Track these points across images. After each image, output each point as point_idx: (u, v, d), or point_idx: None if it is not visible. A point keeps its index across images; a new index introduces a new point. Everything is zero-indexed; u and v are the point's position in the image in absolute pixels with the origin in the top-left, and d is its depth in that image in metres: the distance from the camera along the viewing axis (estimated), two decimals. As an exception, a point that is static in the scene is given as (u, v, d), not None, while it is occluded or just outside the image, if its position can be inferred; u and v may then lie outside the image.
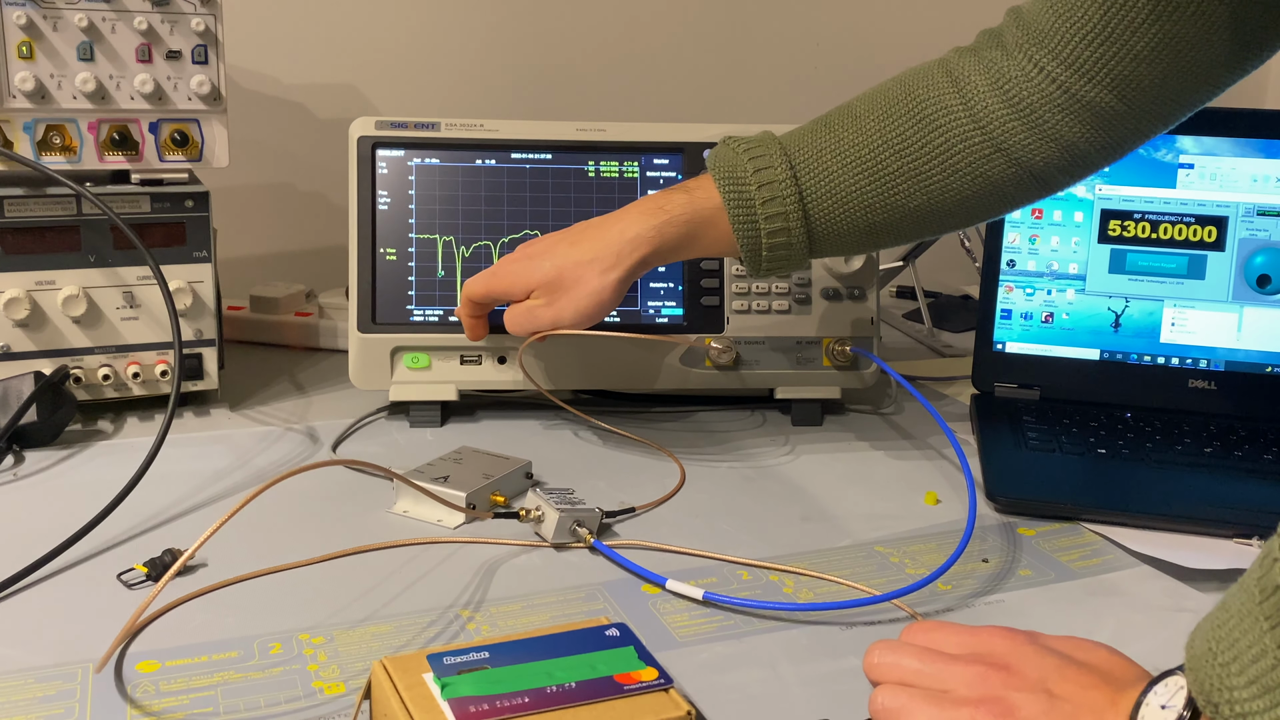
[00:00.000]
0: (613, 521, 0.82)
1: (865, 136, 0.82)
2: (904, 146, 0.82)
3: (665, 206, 0.85)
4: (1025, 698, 0.53)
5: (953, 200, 0.83)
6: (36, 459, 0.90)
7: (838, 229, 0.84)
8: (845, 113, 0.85)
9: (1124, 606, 0.73)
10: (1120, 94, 0.77)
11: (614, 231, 0.85)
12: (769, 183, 0.82)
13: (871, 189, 0.82)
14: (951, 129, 0.81)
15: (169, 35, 0.95)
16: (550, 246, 0.87)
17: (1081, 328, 1.06)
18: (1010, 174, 0.81)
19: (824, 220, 0.83)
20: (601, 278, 0.84)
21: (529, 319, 0.87)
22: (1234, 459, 0.93)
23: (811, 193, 0.83)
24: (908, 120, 0.82)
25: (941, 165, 0.81)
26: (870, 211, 0.83)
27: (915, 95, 0.82)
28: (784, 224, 0.83)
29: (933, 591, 0.73)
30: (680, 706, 0.55)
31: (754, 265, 0.85)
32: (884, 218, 0.83)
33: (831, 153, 0.83)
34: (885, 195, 0.82)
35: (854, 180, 0.82)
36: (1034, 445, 0.95)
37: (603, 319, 0.88)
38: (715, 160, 0.85)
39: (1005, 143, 0.80)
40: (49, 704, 0.59)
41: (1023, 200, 0.84)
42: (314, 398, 1.06)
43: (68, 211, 0.94)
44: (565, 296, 0.85)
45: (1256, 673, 0.46)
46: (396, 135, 1.00)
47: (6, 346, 0.94)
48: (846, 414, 1.07)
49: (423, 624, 0.68)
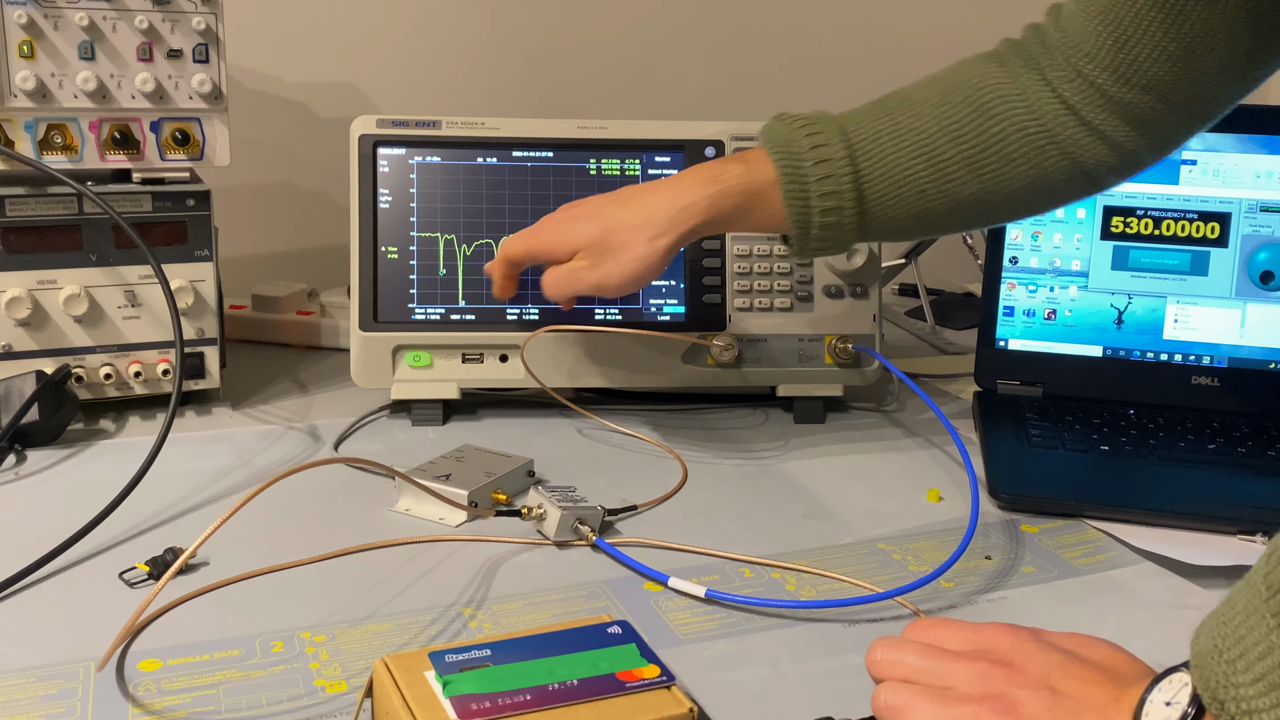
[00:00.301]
0: (615, 519, 0.82)
1: (923, 122, 0.82)
2: (962, 134, 0.81)
3: (721, 176, 0.83)
4: (1028, 694, 0.53)
5: (1005, 191, 0.82)
6: (38, 458, 0.90)
7: (890, 213, 0.83)
8: (902, 98, 0.84)
9: (1127, 603, 0.73)
10: (1158, 94, 0.77)
11: (666, 197, 0.83)
12: (825, 160, 0.81)
13: (927, 175, 0.81)
14: (1009, 119, 0.80)
15: (170, 34, 0.95)
16: (597, 208, 0.86)
17: (1084, 324, 1.06)
18: (1062, 168, 0.81)
19: (878, 203, 0.82)
20: (650, 244, 0.82)
21: (571, 281, 0.85)
22: (1237, 455, 0.93)
23: (868, 175, 0.81)
24: (965, 108, 0.81)
25: (998, 154, 0.81)
26: (924, 198, 0.82)
27: (972, 84, 0.82)
28: (837, 203, 0.81)
29: (935, 589, 0.73)
30: (682, 704, 0.55)
31: (801, 244, 0.83)
32: (936, 205, 0.82)
33: (889, 135, 0.82)
34: (940, 182, 0.82)
35: (910, 165, 0.81)
36: (1037, 442, 0.95)
37: (646, 286, 0.86)
38: (770, 135, 0.83)
39: (1059, 135, 0.80)
40: (50, 703, 0.59)
41: (1071, 197, 0.84)
42: (316, 396, 1.06)
43: (69, 211, 0.94)
44: (611, 260, 0.83)
45: (1262, 670, 0.46)
46: (398, 134, 1.00)
47: (8, 346, 0.94)
48: (849, 411, 1.06)
49: (425, 622, 0.68)
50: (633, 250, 0.83)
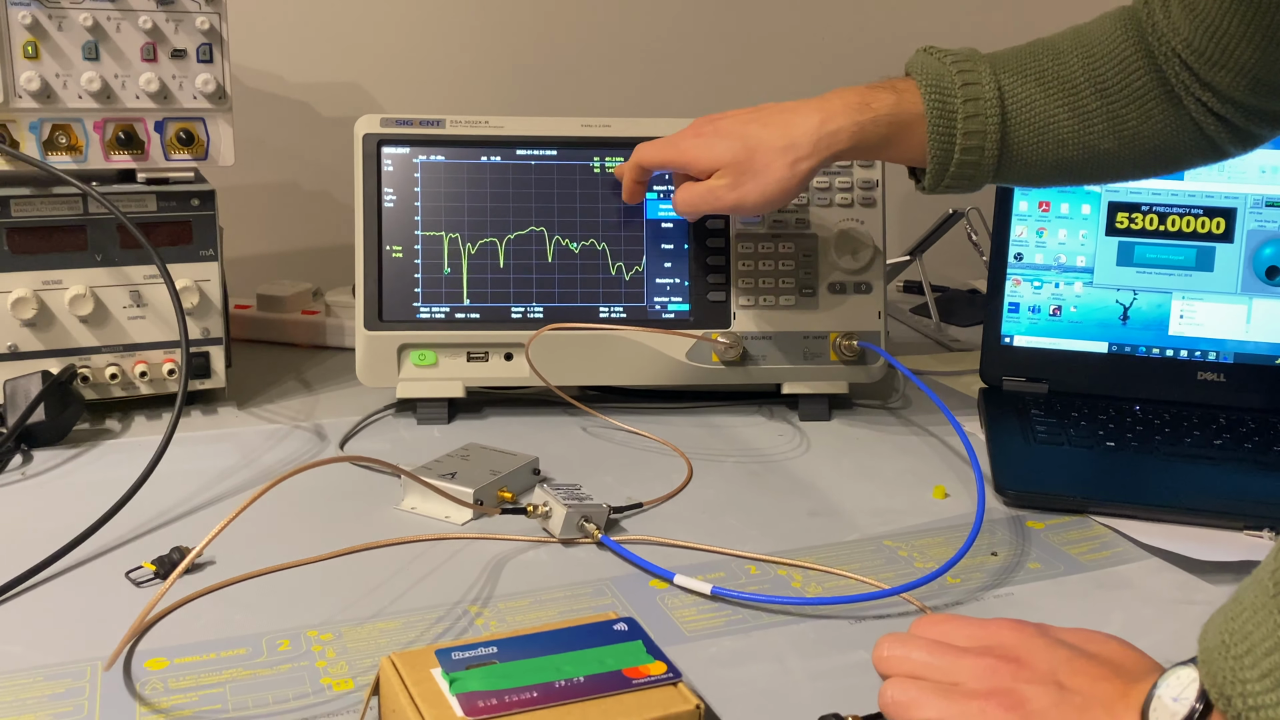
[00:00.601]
0: (620, 517, 0.82)
1: (1069, 71, 0.82)
2: (1106, 87, 0.82)
3: (871, 104, 0.82)
4: (1035, 690, 0.53)
5: (1140, 149, 0.83)
6: (45, 458, 0.90)
7: (1029, 157, 0.83)
8: (1048, 47, 0.84)
9: (1133, 599, 0.73)
10: (1250, 80, 0.78)
11: (813, 121, 0.82)
12: (975, 99, 0.81)
13: (1070, 124, 0.82)
14: (1148, 75, 0.81)
15: (174, 34, 0.95)
16: (740, 126, 0.84)
17: (1090, 321, 1.06)
18: (1191, 132, 0.82)
19: (1019, 146, 0.82)
20: (793, 167, 0.82)
21: (708, 199, 0.84)
22: (1244, 451, 0.93)
23: (1014, 118, 0.82)
24: (1110, 63, 0.82)
25: (1138, 111, 0.81)
26: (1063, 147, 0.82)
27: (1115, 38, 0.83)
28: (980, 142, 0.81)
29: (942, 585, 0.73)
30: (689, 701, 0.55)
31: (935, 178, 0.83)
32: (1074, 155, 0.83)
33: (1036, 81, 0.82)
34: (1081, 133, 0.82)
35: (1055, 112, 0.82)
36: (1042, 438, 0.95)
37: (783, 207, 0.84)
38: (920, 68, 0.83)
39: (1184, 101, 0.81)
40: (58, 701, 0.59)
41: (1197, 161, 0.85)
42: (321, 395, 1.06)
43: (74, 211, 0.94)
44: (753, 181, 0.82)
45: (1269, 665, 0.46)
46: (402, 133, 1.00)
47: (14, 346, 0.94)
48: (854, 409, 1.06)
49: (431, 620, 0.68)
50: (774, 173, 0.82)
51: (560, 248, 1.01)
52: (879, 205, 1.03)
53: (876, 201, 1.03)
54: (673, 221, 1.02)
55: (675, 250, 1.02)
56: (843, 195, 1.03)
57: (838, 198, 1.03)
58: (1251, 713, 0.46)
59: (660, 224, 1.02)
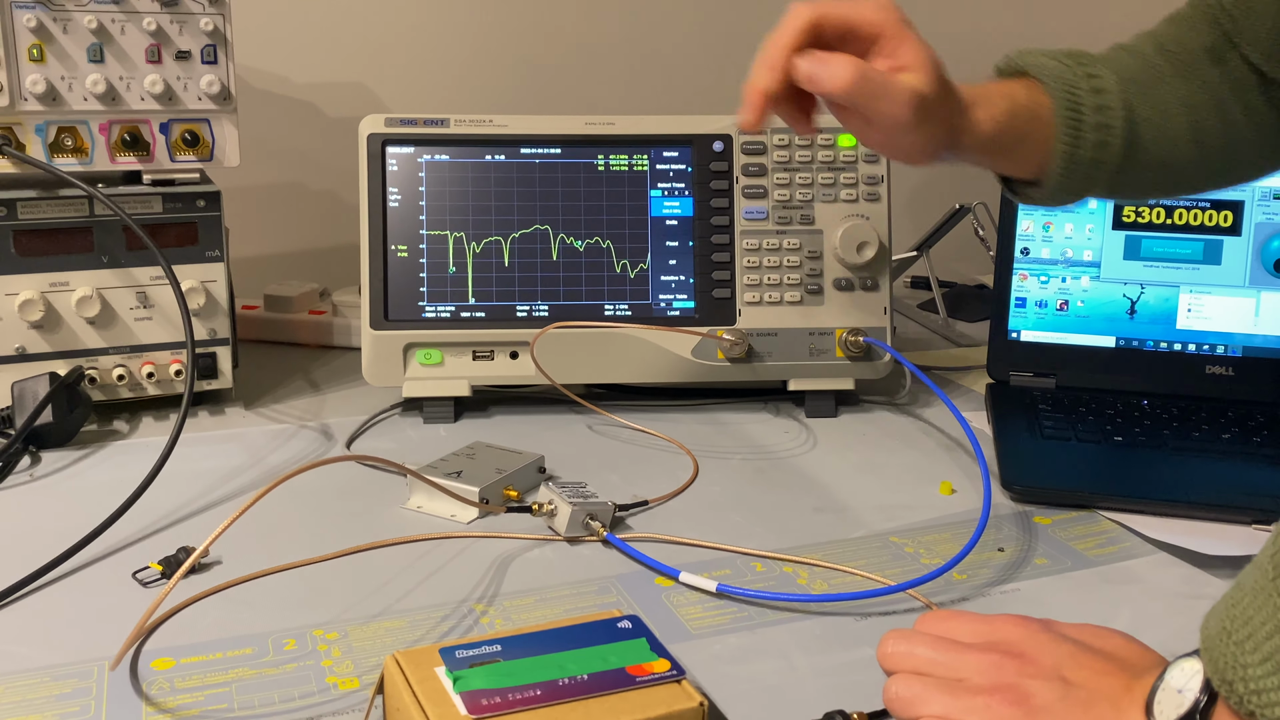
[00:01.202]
0: (625, 515, 0.82)
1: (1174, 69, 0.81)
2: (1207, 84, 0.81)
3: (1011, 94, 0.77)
4: (1040, 685, 0.53)
5: (1246, 158, 0.83)
6: (52, 459, 0.90)
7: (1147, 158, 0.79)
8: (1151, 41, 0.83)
9: (1141, 594, 0.72)
10: None
11: None
12: (1100, 90, 0.77)
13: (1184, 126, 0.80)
14: (1244, 80, 0.81)
15: (178, 36, 0.95)
16: None
17: (1097, 315, 1.05)
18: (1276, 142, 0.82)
19: (1140, 149, 0.79)
20: None
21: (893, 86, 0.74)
22: (1252, 445, 0.93)
23: (1140, 116, 0.79)
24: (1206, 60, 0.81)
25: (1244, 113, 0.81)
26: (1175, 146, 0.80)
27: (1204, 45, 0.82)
28: (1105, 136, 0.77)
29: (948, 581, 0.73)
30: (692, 698, 0.55)
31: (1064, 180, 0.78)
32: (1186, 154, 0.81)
33: (1153, 82, 0.80)
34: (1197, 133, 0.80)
35: (1175, 113, 0.80)
36: (1049, 434, 0.94)
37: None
38: (1037, 67, 0.78)
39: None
40: (64, 701, 0.59)
41: None
42: (328, 395, 1.07)
43: (80, 213, 0.95)
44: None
45: (1270, 649, 0.45)
46: (406, 132, 1.00)
47: (22, 348, 0.94)
48: (860, 405, 1.06)
49: (436, 618, 0.68)
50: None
51: (565, 246, 1.01)
52: (885, 200, 1.03)
53: (882, 197, 1.03)
54: (677, 219, 1.02)
55: (680, 247, 1.02)
56: (848, 191, 1.02)
57: (843, 193, 1.02)
58: (1254, 696, 0.46)
59: (665, 221, 1.02)
